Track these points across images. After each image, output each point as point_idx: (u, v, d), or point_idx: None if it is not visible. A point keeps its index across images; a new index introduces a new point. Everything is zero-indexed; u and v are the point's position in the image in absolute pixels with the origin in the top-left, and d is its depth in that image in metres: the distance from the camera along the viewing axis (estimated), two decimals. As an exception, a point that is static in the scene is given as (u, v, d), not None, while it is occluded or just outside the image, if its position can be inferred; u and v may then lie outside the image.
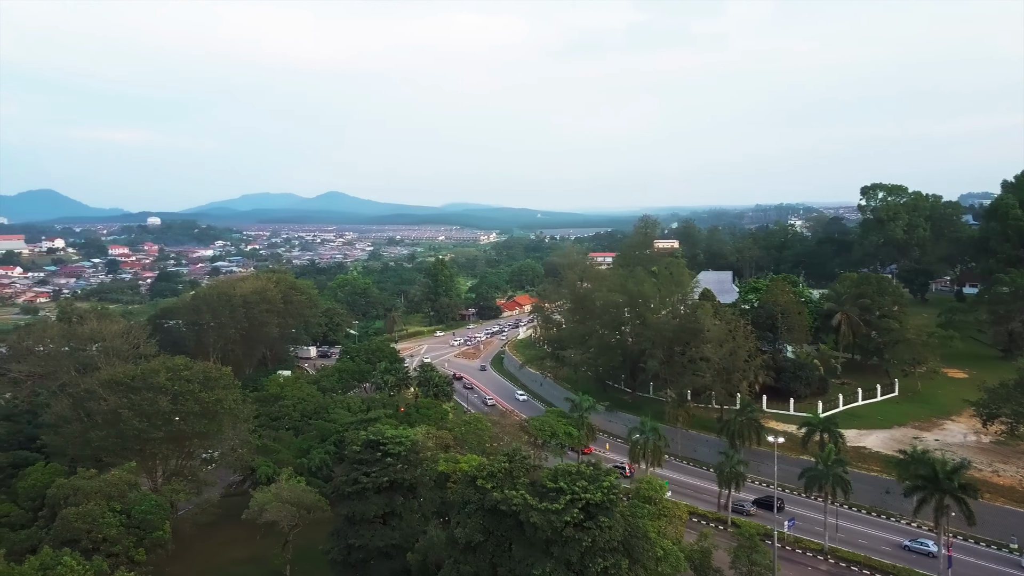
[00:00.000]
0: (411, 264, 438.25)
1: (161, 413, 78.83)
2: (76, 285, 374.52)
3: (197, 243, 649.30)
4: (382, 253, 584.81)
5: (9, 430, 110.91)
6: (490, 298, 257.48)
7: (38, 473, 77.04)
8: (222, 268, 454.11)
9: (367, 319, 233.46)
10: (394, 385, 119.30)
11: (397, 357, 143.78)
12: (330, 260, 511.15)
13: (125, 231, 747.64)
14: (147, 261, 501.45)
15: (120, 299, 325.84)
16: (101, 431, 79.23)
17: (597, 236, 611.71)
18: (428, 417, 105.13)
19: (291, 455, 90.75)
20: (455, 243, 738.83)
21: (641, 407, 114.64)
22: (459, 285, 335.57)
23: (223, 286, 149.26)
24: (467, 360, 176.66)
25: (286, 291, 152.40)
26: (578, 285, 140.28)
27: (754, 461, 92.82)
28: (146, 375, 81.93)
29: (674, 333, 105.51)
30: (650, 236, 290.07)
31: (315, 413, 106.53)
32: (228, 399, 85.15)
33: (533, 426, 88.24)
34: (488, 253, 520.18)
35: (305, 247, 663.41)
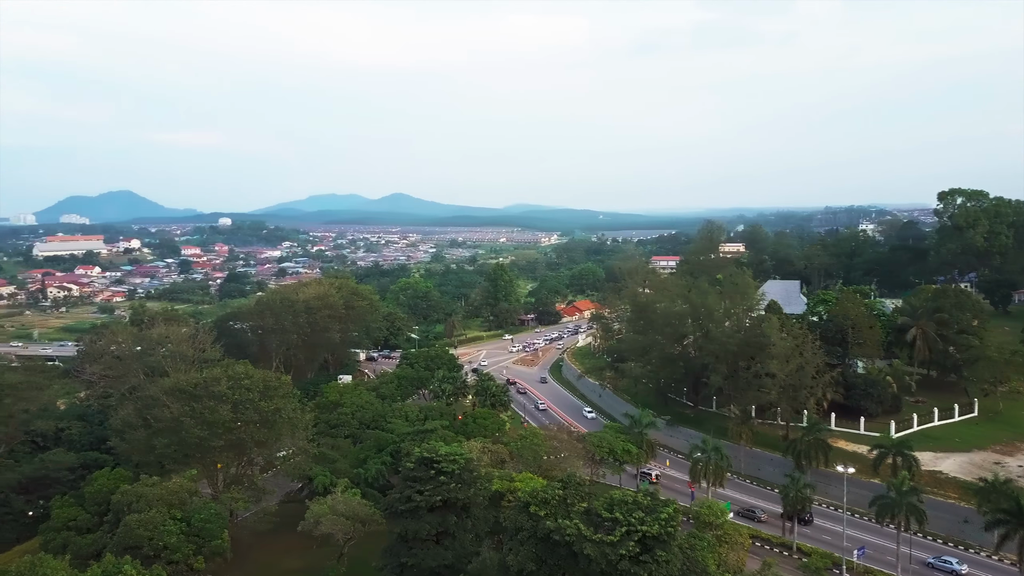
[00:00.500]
0: (472, 267, 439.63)
1: (222, 422, 79.92)
2: (150, 285, 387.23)
3: (265, 244, 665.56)
4: (444, 255, 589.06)
5: (81, 431, 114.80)
6: (549, 303, 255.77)
7: (104, 478, 78.99)
8: (288, 269, 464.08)
9: (428, 323, 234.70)
10: (452, 394, 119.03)
11: (455, 364, 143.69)
12: (393, 262, 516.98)
13: (197, 232, 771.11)
14: (217, 261, 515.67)
15: (191, 299, 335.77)
16: (164, 438, 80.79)
17: (660, 239, 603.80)
18: (485, 427, 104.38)
19: (348, 464, 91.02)
20: (516, 245, 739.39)
21: (703, 422, 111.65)
22: (519, 289, 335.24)
23: (286, 291, 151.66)
24: (525, 367, 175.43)
25: (348, 297, 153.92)
26: (639, 294, 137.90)
27: (821, 483, 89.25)
28: (208, 383, 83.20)
29: (738, 347, 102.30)
30: (715, 241, 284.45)
31: (373, 421, 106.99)
32: (287, 408, 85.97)
33: (591, 442, 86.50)
34: (548, 256, 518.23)
35: (370, 248, 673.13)
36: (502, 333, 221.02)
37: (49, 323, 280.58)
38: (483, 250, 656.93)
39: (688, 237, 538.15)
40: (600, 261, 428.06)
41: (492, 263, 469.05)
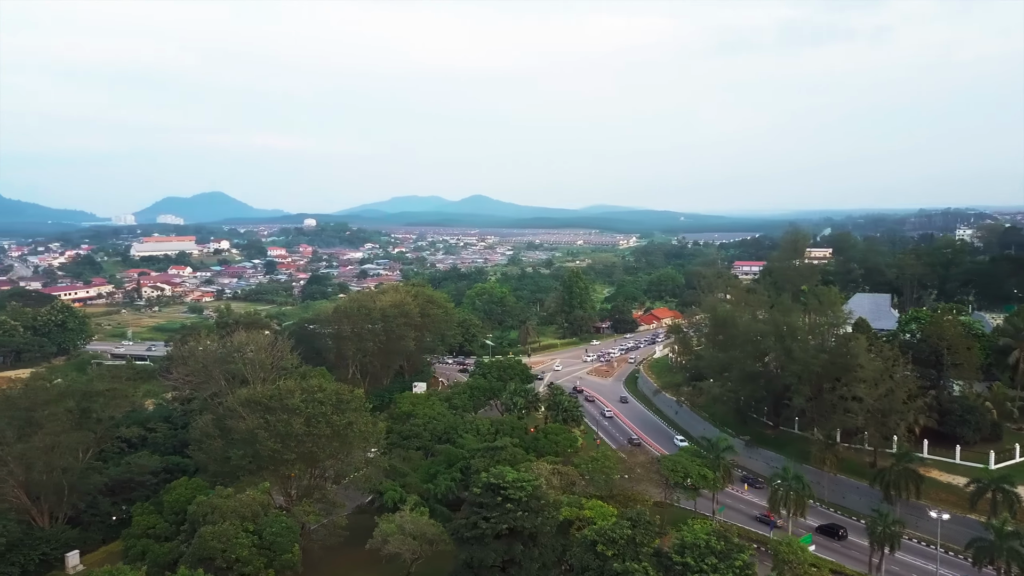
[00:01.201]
0: (548, 270, 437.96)
1: (294, 435, 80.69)
2: (237, 285, 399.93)
3: (348, 245, 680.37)
4: (521, 257, 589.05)
5: (166, 434, 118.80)
6: (626, 310, 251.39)
7: (182, 488, 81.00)
8: (369, 271, 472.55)
9: (503, 328, 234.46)
10: (523, 407, 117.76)
11: (527, 375, 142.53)
12: (471, 265, 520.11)
13: (283, 232, 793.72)
14: (301, 263, 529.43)
15: (274, 300, 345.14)
16: (239, 450, 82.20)
17: (743, 242, 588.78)
18: (557, 443, 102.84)
19: (418, 479, 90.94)
20: (593, 248, 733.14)
21: (784, 444, 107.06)
22: (596, 293, 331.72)
23: (364, 299, 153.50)
24: (600, 378, 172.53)
25: (423, 304, 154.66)
26: (718, 306, 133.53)
27: (912, 515, 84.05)
28: (282, 396, 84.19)
29: (823, 368, 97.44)
30: (799, 248, 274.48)
31: (444, 433, 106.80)
32: (359, 422, 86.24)
33: (664, 466, 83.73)
34: (626, 260, 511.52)
35: (448, 250, 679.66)
36: (577, 341, 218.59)
37: (143, 322, 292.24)
38: (560, 253, 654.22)
39: (772, 241, 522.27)
40: (680, 266, 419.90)
41: (568, 267, 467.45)
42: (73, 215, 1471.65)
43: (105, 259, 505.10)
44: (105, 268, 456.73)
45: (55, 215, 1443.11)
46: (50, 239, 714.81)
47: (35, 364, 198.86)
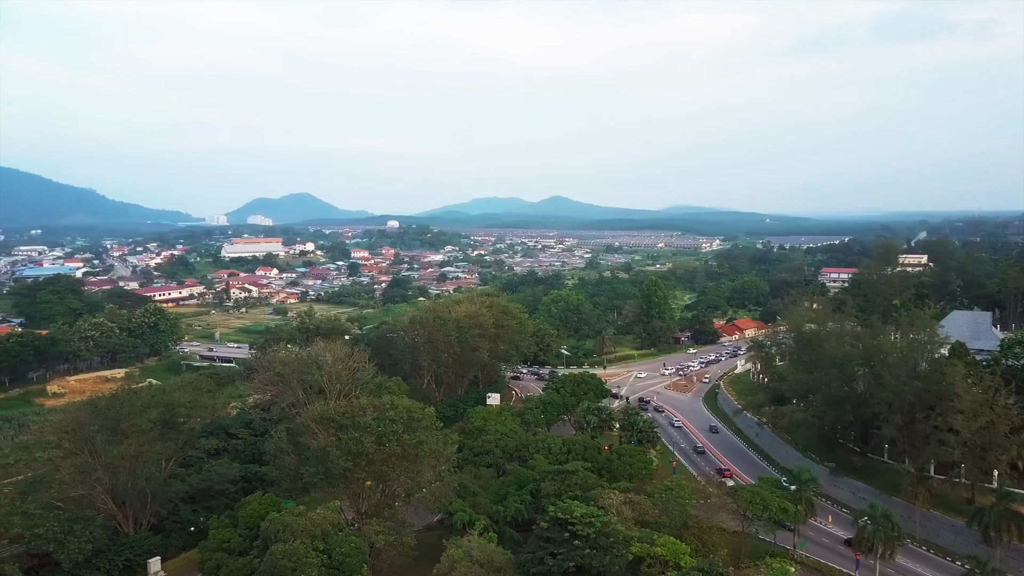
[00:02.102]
0: (628, 274, 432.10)
1: (365, 454, 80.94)
2: (321, 287, 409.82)
3: (429, 247, 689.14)
4: (599, 261, 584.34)
5: (246, 442, 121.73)
6: (707, 320, 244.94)
7: (256, 503, 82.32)
8: (449, 274, 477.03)
9: (579, 336, 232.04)
10: (597, 427, 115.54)
11: (602, 389, 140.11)
12: (548, 268, 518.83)
13: (367, 235, 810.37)
14: (383, 265, 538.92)
15: (356, 302, 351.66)
16: (311, 467, 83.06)
17: (831, 247, 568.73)
18: (631, 465, 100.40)
19: (488, 499, 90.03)
20: (675, 251, 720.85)
21: (873, 474, 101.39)
22: (677, 300, 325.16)
23: (439, 309, 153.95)
24: (678, 393, 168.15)
25: (498, 315, 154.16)
26: (802, 323, 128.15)
27: (1015, 559, 78.13)
28: (354, 413, 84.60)
29: (915, 396, 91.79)
30: (891, 257, 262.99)
31: (516, 451, 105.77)
32: (430, 441, 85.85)
33: (742, 498, 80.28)
34: (709, 264, 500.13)
35: (527, 253, 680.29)
36: (655, 352, 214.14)
37: (230, 323, 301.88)
38: (640, 256, 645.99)
39: (863, 246, 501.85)
40: (764, 271, 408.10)
41: (648, 271, 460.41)
42: (170, 215, 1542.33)
43: (197, 260, 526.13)
44: (197, 269, 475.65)
45: (154, 215, 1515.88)
46: (148, 239, 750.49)
47: (129, 364, 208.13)
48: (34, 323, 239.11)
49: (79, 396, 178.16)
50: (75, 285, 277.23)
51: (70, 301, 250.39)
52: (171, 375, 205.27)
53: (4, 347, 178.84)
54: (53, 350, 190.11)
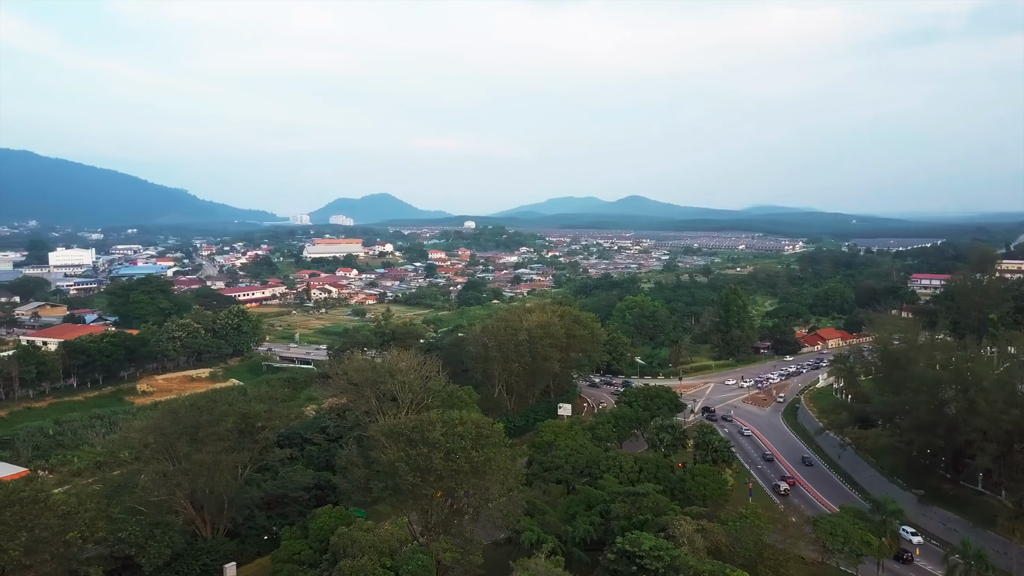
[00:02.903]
0: (706, 278, 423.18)
1: (434, 470, 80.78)
2: (398, 288, 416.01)
3: (504, 249, 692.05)
4: (677, 263, 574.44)
5: (320, 448, 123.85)
6: (788, 330, 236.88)
7: (326, 516, 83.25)
8: (523, 276, 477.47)
9: (654, 344, 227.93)
10: (670, 444, 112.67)
11: (676, 403, 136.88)
12: (624, 271, 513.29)
13: (444, 235, 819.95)
14: (459, 266, 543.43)
15: (432, 304, 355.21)
16: (380, 482, 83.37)
17: (922, 251, 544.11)
18: (704, 486, 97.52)
19: (557, 518, 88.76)
20: (755, 253, 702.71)
21: (965, 504, 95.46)
22: (757, 306, 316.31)
23: (510, 318, 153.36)
24: (757, 407, 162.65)
25: (569, 325, 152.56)
26: (889, 340, 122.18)
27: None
28: (424, 428, 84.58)
29: (1014, 425, 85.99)
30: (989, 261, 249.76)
31: (586, 467, 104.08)
32: (498, 458, 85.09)
33: (822, 529, 76.65)
34: (791, 268, 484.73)
35: (602, 254, 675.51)
36: (732, 363, 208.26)
37: (310, 323, 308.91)
38: (719, 259, 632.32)
39: (956, 250, 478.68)
40: (850, 276, 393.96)
41: (728, 274, 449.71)
42: (256, 215, 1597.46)
43: (280, 260, 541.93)
44: (280, 269, 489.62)
45: (241, 215, 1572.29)
46: (235, 238, 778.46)
47: (213, 364, 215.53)
48: (127, 321, 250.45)
49: (166, 395, 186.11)
50: (165, 286, 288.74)
51: (160, 301, 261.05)
52: (252, 375, 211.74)
53: (99, 347, 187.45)
54: (143, 350, 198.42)
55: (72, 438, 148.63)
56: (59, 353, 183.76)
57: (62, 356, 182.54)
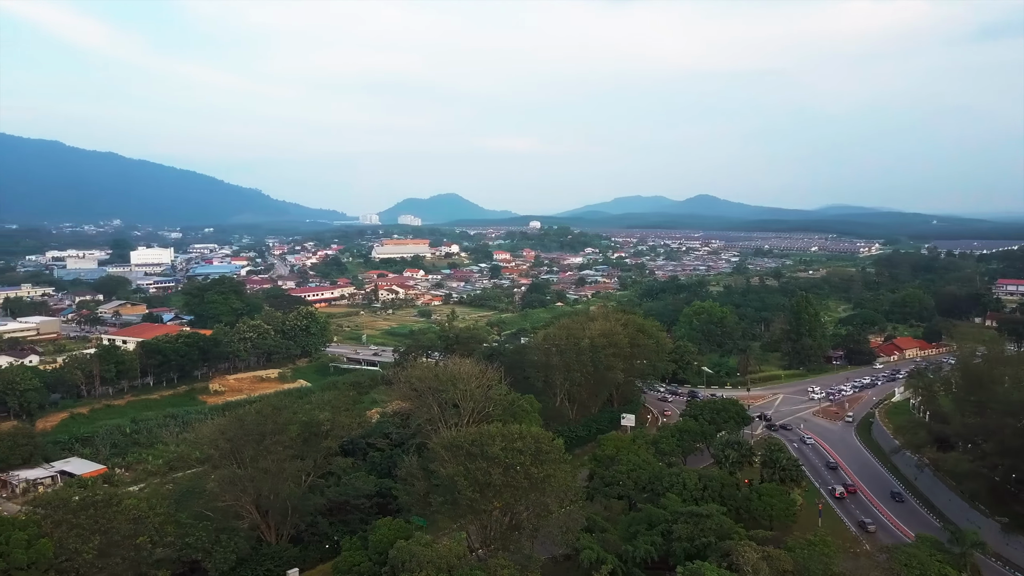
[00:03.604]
0: (777, 282, 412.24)
1: (493, 485, 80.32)
2: (463, 289, 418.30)
3: (569, 250, 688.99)
4: (747, 266, 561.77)
5: (383, 454, 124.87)
6: (862, 339, 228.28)
7: (386, 528, 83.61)
8: (588, 278, 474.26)
9: (721, 352, 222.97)
10: (735, 461, 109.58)
11: (744, 416, 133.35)
12: (692, 272, 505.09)
13: (509, 236, 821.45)
14: (523, 267, 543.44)
15: (496, 306, 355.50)
16: (439, 496, 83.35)
17: (1008, 253, 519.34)
18: (771, 506, 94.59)
19: (618, 536, 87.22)
20: (829, 256, 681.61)
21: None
22: (830, 312, 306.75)
23: (573, 326, 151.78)
24: (827, 421, 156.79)
25: (633, 334, 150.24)
26: (971, 356, 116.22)
27: None
28: (483, 442, 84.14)
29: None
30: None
31: (649, 483, 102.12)
32: (558, 474, 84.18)
33: (897, 561, 73.08)
34: (867, 272, 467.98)
35: (669, 256, 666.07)
36: (803, 373, 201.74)
37: (377, 324, 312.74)
38: (791, 261, 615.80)
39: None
40: (929, 281, 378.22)
41: (800, 277, 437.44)
42: (327, 214, 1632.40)
43: (350, 260, 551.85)
44: (349, 269, 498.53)
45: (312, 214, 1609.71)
46: (306, 238, 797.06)
47: (282, 364, 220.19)
48: (202, 321, 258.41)
49: (236, 394, 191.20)
50: (238, 286, 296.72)
51: (233, 302, 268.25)
52: (320, 376, 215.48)
53: (174, 347, 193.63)
54: (215, 350, 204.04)
55: (147, 437, 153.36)
56: (137, 352, 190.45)
57: (140, 355, 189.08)
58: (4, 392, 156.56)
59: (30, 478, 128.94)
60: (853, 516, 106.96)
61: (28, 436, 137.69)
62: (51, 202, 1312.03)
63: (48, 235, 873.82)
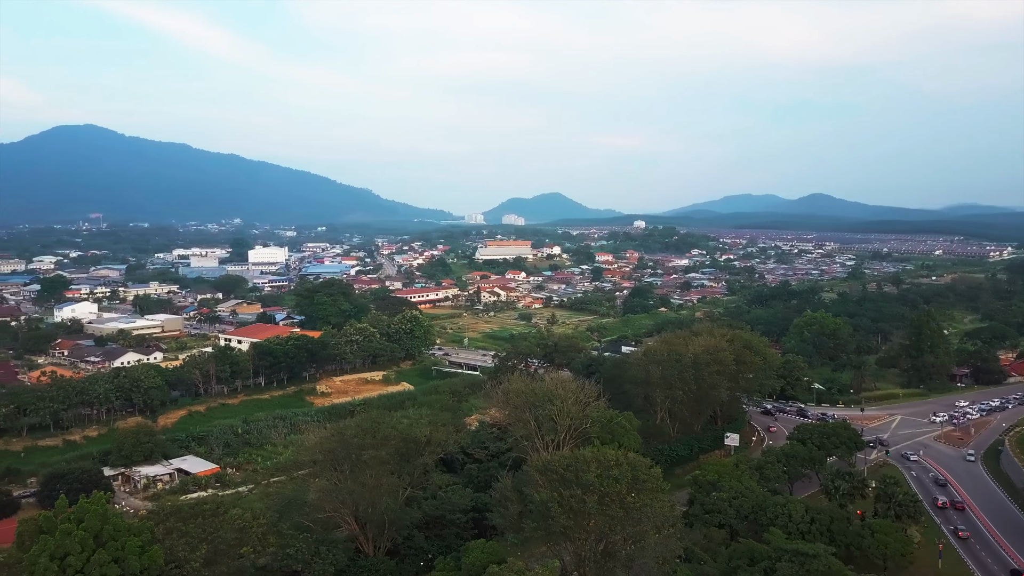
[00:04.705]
0: (896, 289, 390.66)
1: (587, 513, 78.70)
2: (564, 292, 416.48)
3: (674, 251, 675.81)
4: (863, 271, 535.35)
5: (481, 468, 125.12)
6: (991, 355, 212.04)
7: (479, 551, 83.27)
8: (693, 281, 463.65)
9: (834, 366, 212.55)
10: (846, 493, 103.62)
11: (857, 441, 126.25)
12: (804, 277, 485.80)
13: (612, 236, 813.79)
14: (626, 269, 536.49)
15: (597, 310, 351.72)
16: (532, 522, 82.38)
17: None
18: (885, 545, 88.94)
19: (717, 570, 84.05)
20: (954, 260, 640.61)
21: None
22: (955, 324, 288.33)
23: (675, 342, 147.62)
24: (950, 447, 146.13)
25: (739, 351, 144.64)
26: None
27: None
28: (578, 468, 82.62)
29: None
30: None
31: (751, 512, 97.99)
32: (655, 505, 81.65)
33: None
34: (998, 279, 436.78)
35: (780, 258, 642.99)
36: (923, 393, 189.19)
37: (479, 326, 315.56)
38: (911, 266, 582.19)
39: None
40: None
41: (922, 284, 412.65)
42: (434, 214, 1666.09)
43: (454, 261, 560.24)
44: (454, 270, 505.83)
45: (420, 213, 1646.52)
46: (414, 237, 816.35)
47: (386, 367, 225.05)
48: (311, 321, 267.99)
49: (342, 396, 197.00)
50: (346, 289, 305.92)
51: (341, 303, 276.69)
52: (423, 379, 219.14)
53: (284, 349, 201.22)
54: (323, 352, 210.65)
55: (257, 437, 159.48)
56: (250, 353, 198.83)
57: (252, 356, 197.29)
58: (131, 389, 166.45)
59: (150, 474, 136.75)
60: (978, 558, 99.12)
61: (149, 434, 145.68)
62: (179, 201, 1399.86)
63: (176, 233, 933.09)
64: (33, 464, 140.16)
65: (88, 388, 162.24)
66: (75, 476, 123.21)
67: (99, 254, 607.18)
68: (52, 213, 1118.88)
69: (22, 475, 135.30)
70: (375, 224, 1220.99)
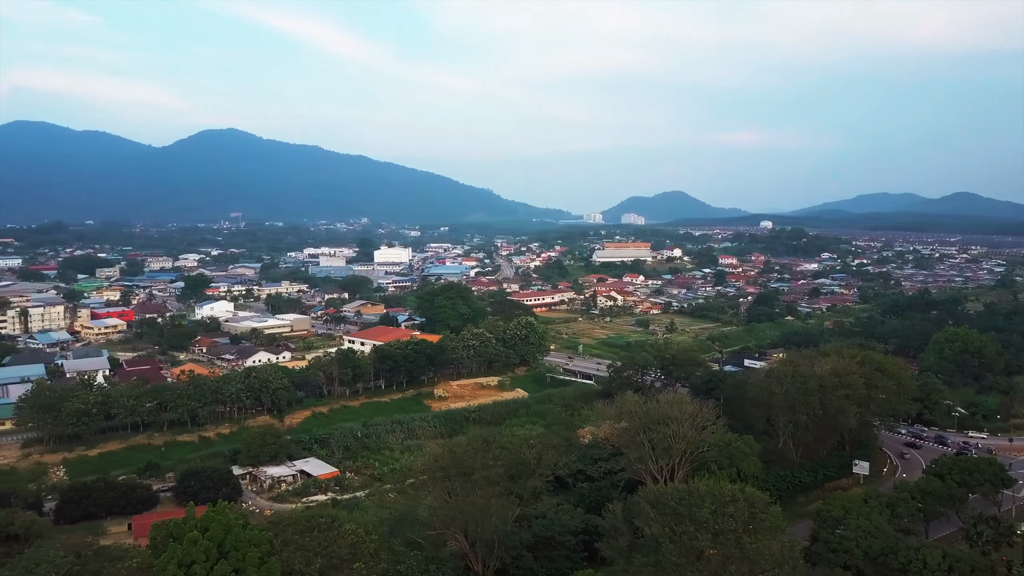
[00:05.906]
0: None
1: (699, 551, 75.65)
2: (684, 297, 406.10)
3: (803, 254, 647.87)
4: (1015, 278, 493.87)
5: (592, 487, 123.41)
6: None
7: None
8: (823, 287, 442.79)
9: (979, 386, 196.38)
10: (991, 540, 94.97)
11: (1004, 478, 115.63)
12: (946, 286, 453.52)
13: (736, 238, 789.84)
14: (751, 273, 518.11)
15: (719, 317, 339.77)
16: (643, 556, 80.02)
17: None
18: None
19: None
20: None
21: None
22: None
23: (800, 363, 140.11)
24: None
25: (870, 374, 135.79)
26: None
27: None
28: (692, 501, 79.71)
29: None
30: None
31: (881, 555, 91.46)
32: (772, 545, 77.57)
33: None
34: None
35: (919, 263, 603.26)
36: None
37: (595, 332, 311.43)
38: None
39: None
40: None
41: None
42: (552, 213, 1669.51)
43: (571, 263, 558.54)
44: (570, 272, 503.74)
45: (538, 213, 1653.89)
46: (532, 238, 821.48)
47: (502, 372, 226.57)
48: (431, 324, 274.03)
49: (459, 400, 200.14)
50: (464, 292, 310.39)
51: (459, 307, 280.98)
52: (537, 386, 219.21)
53: (403, 353, 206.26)
54: (441, 357, 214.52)
55: (376, 441, 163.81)
56: (371, 357, 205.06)
57: (373, 360, 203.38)
58: (260, 390, 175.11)
59: (275, 475, 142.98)
60: None
61: (275, 435, 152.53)
62: (311, 201, 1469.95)
63: (307, 232, 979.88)
64: (171, 459, 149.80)
65: (222, 387, 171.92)
66: (207, 474, 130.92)
67: (237, 252, 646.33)
68: (197, 212, 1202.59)
69: (161, 470, 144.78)
70: (495, 224, 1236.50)
